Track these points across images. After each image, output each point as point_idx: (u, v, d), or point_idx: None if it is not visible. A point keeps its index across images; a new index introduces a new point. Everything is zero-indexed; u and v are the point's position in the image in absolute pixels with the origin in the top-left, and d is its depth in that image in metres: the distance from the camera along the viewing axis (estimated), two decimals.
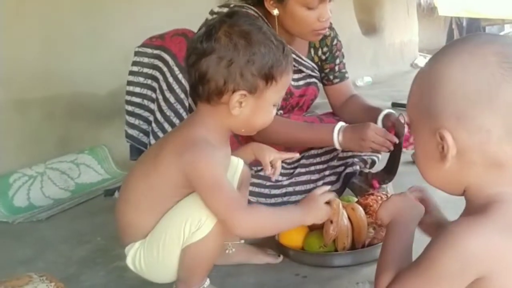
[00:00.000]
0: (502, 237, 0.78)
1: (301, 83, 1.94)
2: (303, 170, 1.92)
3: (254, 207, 1.35)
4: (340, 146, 1.72)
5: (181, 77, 1.68)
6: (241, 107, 1.20)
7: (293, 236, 1.54)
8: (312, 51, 1.96)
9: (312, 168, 1.94)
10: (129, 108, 1.79)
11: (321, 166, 1.95)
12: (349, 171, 1.94)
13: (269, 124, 1.29)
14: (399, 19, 7.08)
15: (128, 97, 1.79)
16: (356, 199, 1.67)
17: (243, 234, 1.22)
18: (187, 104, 1.69)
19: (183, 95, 1.68)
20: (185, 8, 3.26)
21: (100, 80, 2.87)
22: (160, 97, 1.71)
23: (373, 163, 2.02)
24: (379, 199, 1.65)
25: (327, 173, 1.94)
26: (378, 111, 1.81)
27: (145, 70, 1.76)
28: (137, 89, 1.77)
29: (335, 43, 1.97)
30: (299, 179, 1.92)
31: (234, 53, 1.17)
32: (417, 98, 0.89)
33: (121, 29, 2.98)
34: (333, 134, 1.70)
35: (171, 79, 1.69)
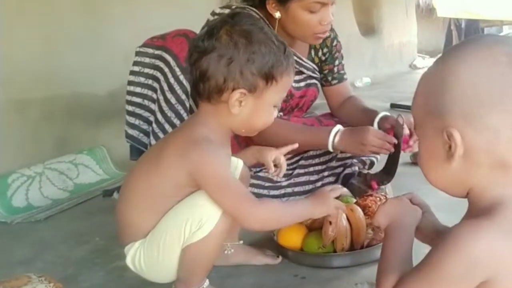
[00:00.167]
0: (506, 240, 0.78)
1: (301, 84, 1.94)
2: (302, 171, 1.93)
3: (263, 200, 1.36)
4: (333, 149, 1.72)
5: (182, 78, 1.68)
6: (241, 106, 1.21)
7: (292, 237, 1.54)
8: (312, 52, 1.96)
9: (311, 169, 1.94)
10: (130, 108, 1.79)
11: (320, 167, 1.95)
12: (348, 172, 1.95)
13: (269, 125, 1.29)
14: (398, 20, 7.09)
15: (128, 97, 1.79)
16: (355, 200, 1.67)
17: (254, 227, 1.22)
18: (188, 105, 1.69)
19: (184, 96, 1.68)
20: (186, 8, 3.26)
21: (99, 80, 2.87)
22: (161, 98, 1.70)
23: (372, 164, 2.02)
24: (378, 200, 1.65)
25: (326, 174, 1.95)
26: (374, 113, 1.82)
27: (146, 70, 1.75)
28: (138, 89, 1.77)
29: (335, 44, 1.97)
30: (298, 180, 1.92)
31: (234, 52, 1.17)
32: (424, 97, 0.88)
33: (121, 30, 2.98)
34: (329, 137, 1.70)
35: (172, 80, 1.69)
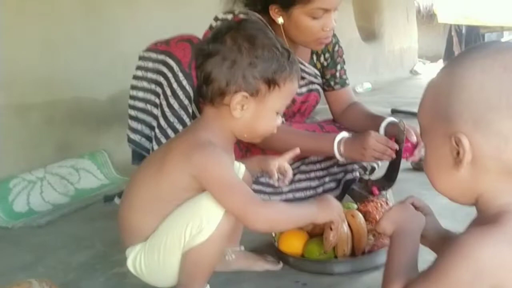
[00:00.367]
0: None
1: (303, 90, 1.94)
2: (303, 176, 1.92)
3: (269, 201, 1.36)
4: (341, 157, 1.71)
5: (185, 83, 1.68)
6: (243, 110, 1.22)
7: (293, 243, 1.54)
8: (314, 58, 1.96)
9: (312, 174, 1.94)
10: (132, 112, 1.79)
11: (321, 172, 1.95)
12: (349, 177, 1.94)
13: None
14: (399, 25, 7.11)
15: (131, 102, 1.79)
16: (356, 206, 1.67)
17: (260, 228, 1.22)
18: (190, 110, 1.69)
19: (187, 101, 1.68)
20: (186, 13, 3.27)
21: (100, 85, 2.87)
22: (164, 103, 1.70)
23: (373, 169, 2.02)
24: (379, 206, 1.65)
25: (327, 179, 1.95)
26: (380, 119, 1.81)
27: (149, 75, 1.75)
28: (141, 94, 1.77)
29: (336, 49, 1.97)
30: (299, 185, 1.92)
31: (237, 55, 1.18)
32: (432, 103, 0.87)
33: (122, 35, 2.99)
34: (334, 145, 1.69)
35: (175, 85, 1.68)
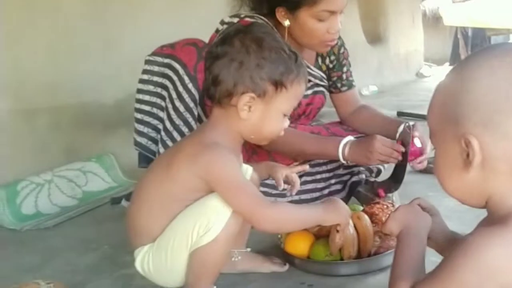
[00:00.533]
0: None
1: (308, 92, 1.94)
2: (309, 178, 1.92)
3: (276, 202, 1.37)
4: (344, 160, 1.72)
5: (191, 86, 1.69)
6: (250, 111, 1.23)
7: (299, 244, 1.54)
8: (319, 60, 1.97)
9: (318, 176, 1.94)
10: (138, 115, 1.80)
11: (327, 174, 1.95)
12: (355, 179, 1.94)
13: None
14: (405, 28, 7.09)
15: (137, 105, 1.80)
16: (362, 208, 1.67)
17: (267, 228, 1.24)
18: (196, 113, 1.70)
19: (192, 104, 1.69)
20: (191, 17, 3.28)
21: (106, 90, 2.88)
22: (169, 106, 1.71)
23: (379, 172, 2.02)
24: (385, 208, 1.65)
25: (333, 181, 1.95)
26: (398, 122, 1.81)
27: (155, 78, 1.76)
28: (147, 97, 1.78)
29: (342, 51, 1.98)
30: (305, 187, 1.91)
31: (245, 56, 1.20)
32: (441, 105, 0.87)
33: (128, 39, 3.00)
34: (338, 149, 1.70)
35: (180, 88, 1.70)
